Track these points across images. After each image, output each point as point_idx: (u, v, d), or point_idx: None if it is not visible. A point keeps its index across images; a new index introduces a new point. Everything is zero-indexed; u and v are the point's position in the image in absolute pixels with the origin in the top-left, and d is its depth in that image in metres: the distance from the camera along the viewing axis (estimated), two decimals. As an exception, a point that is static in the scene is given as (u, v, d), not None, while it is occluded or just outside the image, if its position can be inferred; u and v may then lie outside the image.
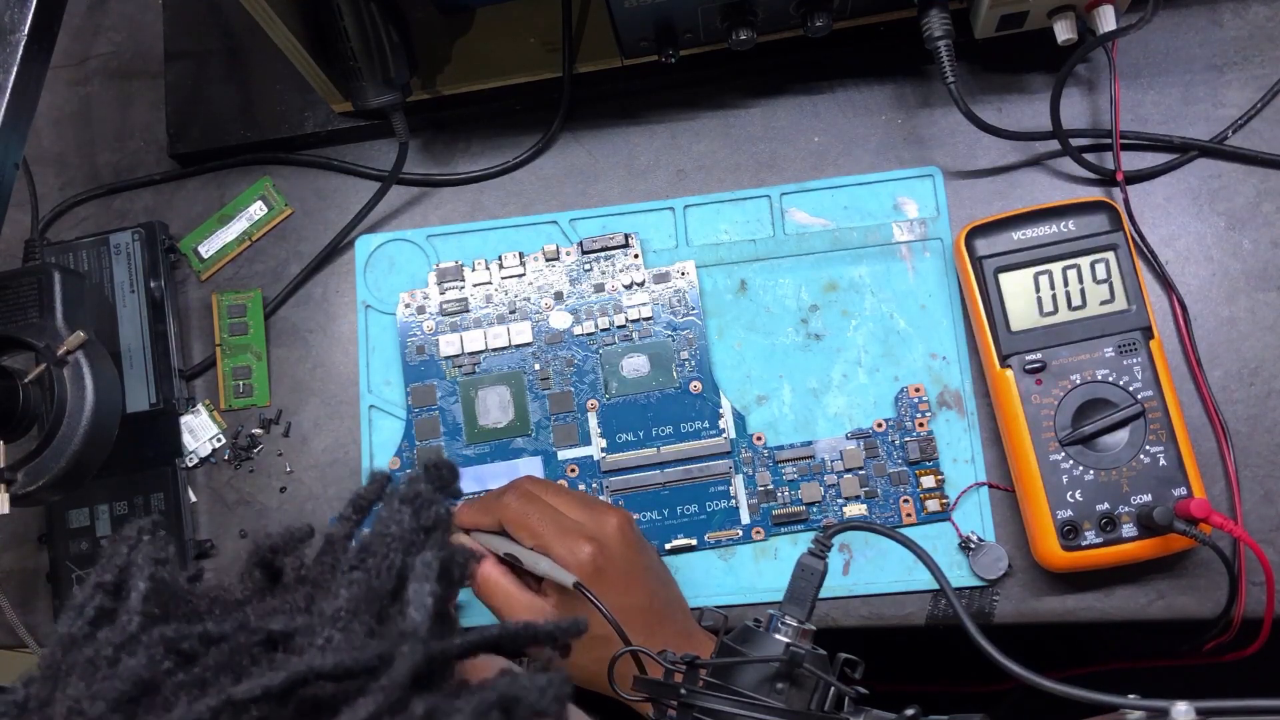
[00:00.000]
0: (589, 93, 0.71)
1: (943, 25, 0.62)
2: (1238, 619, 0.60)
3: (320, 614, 0.26)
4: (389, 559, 0.27)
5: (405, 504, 0.28)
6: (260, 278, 0.72)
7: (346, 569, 0.27)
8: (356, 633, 0.25)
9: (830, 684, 0.43)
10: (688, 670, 0.45)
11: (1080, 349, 0.60)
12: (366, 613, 0.26)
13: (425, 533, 0.28)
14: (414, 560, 0.26)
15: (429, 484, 0.29)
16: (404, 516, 0.27)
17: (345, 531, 0.29)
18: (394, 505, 0.28)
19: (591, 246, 0.69)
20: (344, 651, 0.24)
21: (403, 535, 0.27)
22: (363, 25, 0.63)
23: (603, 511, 0.57)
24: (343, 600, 0.26)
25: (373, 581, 0.26)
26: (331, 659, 0.24)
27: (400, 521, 0.27)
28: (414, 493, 0.28)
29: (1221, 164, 0.66)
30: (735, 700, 0.42)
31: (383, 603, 0.26)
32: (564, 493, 0.59)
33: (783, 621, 0.45)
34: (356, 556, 0.27)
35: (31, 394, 0.59)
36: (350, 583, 0.26)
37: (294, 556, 0.28)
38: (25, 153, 0.65)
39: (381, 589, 0.26)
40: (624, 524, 0.57)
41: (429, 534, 0.28)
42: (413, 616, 0.25)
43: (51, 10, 0.56)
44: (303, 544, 0.29)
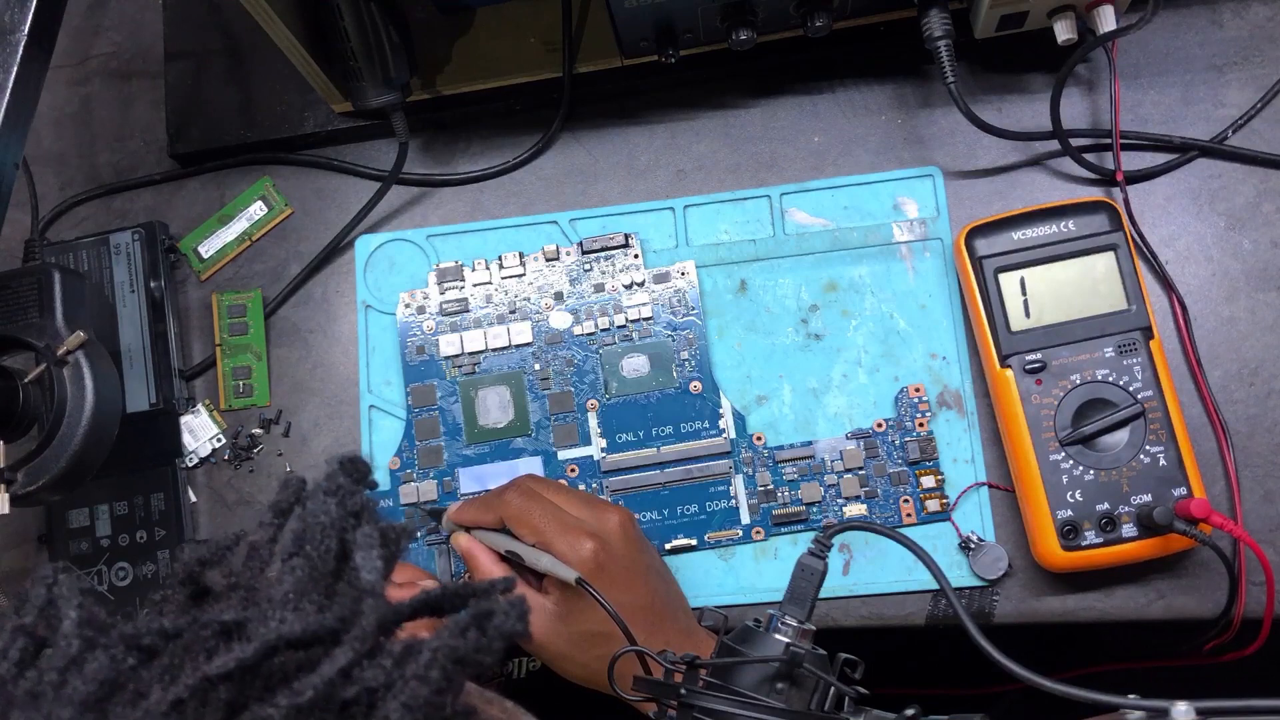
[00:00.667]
0: (589, 93, 0.71)
1: (943, 25, 0.62)
2: (1238, 619, 0.60)
3: (269, 600, 0.26)
4: (325, 544, 0.27)
5: (329, 495, 0.28)
6: (260, 278, 0.72)
7: (285, 557, 0.27)
8: (308, 611, 0.26)
9: (830, 684, 0.43)
10: (688, 670, 0.45)
11: (1080, 349, 0.60)
12: (314, 592, 0.26)
13: (354, 517, 0.28)
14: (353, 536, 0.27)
15: (346, 477, 0.29)
16: (330, 506, 0.28)
17: (269, 535, 0.29)
18: (319, 498, 0.28)
19: (591, 246, 0.69)
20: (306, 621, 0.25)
21: (333, 522, 0.28)
22: (363, 25, 0.63)
23: (604, 509, 0.57)
24: (288, 584, 0.26)
25: (314, 564, 0.27)
26: (299, 625, 0.24)
27: (328, 511, 0.28)
28: (335, 485, 0.29)
29: (1221, 164, 0.66)
30: (735, 700, 0.42)
31: (327, 582, 0.27)
32: (565, 491, 0.59)
33: (783, 621, 0.45)
34: (293, 545, 0.28)
35: (31, 394, 0.59)
36: (292, 569, 0.27)
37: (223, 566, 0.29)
38: (25, 153, 0.65)
39: (324, 570, 0.27)
40: (626, 522, 0.57)
41: (358, 517, 0.28)
42: (366, 578, 0.26)
43: (51, 10, 0.56)
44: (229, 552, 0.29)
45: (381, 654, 0.24)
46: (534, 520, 0.56)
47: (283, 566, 0.27)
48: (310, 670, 0.24)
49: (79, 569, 0.67)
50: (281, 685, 0.23)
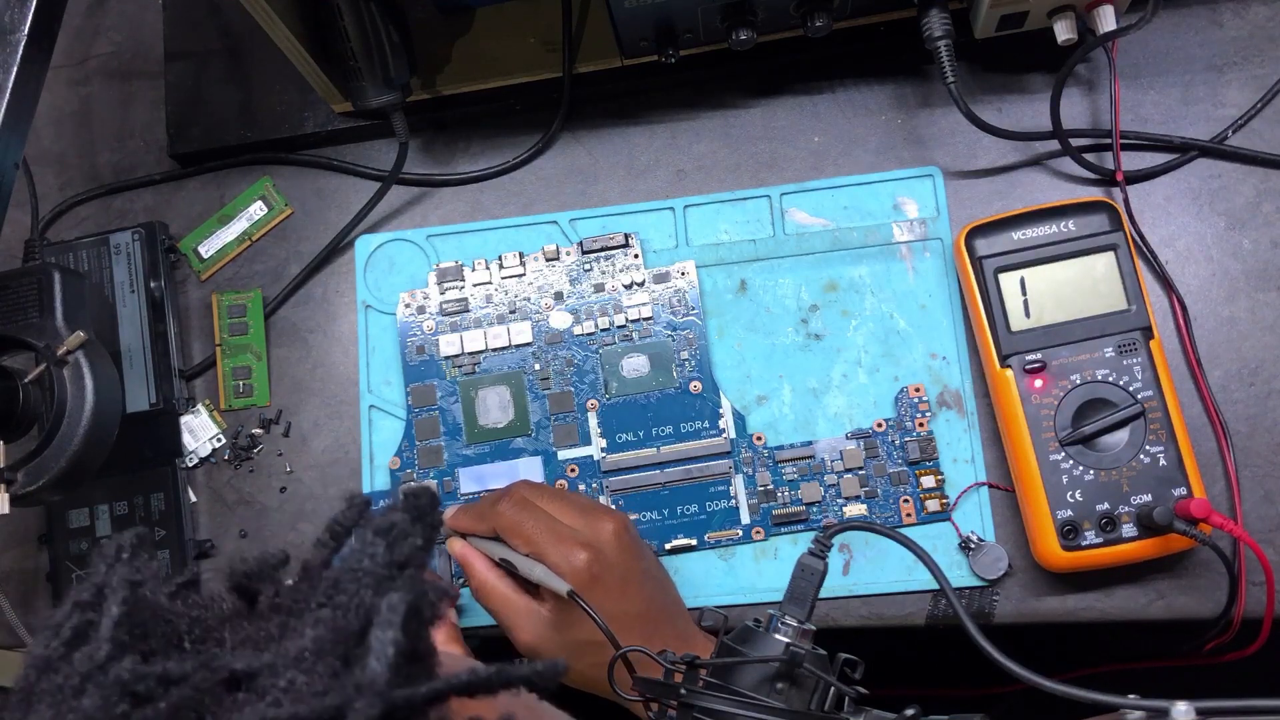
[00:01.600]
0: (589, 93, 0.71)
1: (943, 25, 0.62)
2: (1238, 619, 0.60)
3: (284, 655, 0.25)
4: (358, 597, 0.26)
5: (379, 535, 0.27)
6: (260, 278, 0.72)
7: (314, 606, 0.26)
8: (320, 675, 0.25)
9: (830, 684, 0.43)
10: (688, 670, 0.45)
11: (1080, 349, 0.60)
12: (331, 654, 0.25)
13: (399, 568, 0.27)
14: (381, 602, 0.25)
15: (406, 514, 0.28)
16: (377, 550, 0.27)
17: (322, 559, 0.28)
18: (368, 537, 0.27)
19: (591, 246, 0.69)
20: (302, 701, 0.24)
21: (374, 570, 0.26)
22: (363, 25, 0.63)
23: (599, 517, 0.57)
24: (308, 640, 0.25)
25: (339, 621, 0.25)
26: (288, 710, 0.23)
27: (374, 555, 0.26)
28: (389, 524, 0.27)
29: (1221, 164, 0.66)
30: (735, 700, 0.42)
31: (348, 645, 0.25)
32: (560, 497, 0.59)
33: (783, 621, 0.45)
34: (325, 593, 0.26)
35: (31, 394, 0.59)
36: (317, 621, 0.26)
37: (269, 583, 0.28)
38: (25, 153, 0.65)
39: (348, 628, 0.25)
40: (620, 529, 0.57)
41: (402, 570, 0.27)
42: (372, 667, 0.24)
43: (51, 10, 0.56)
44: (277, 570, 0.28)
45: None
46: (527, 531, 0.56)
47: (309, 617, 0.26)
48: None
49: (78, 569, 0.67)
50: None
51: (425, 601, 0.26)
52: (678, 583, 0.64)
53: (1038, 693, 0.44)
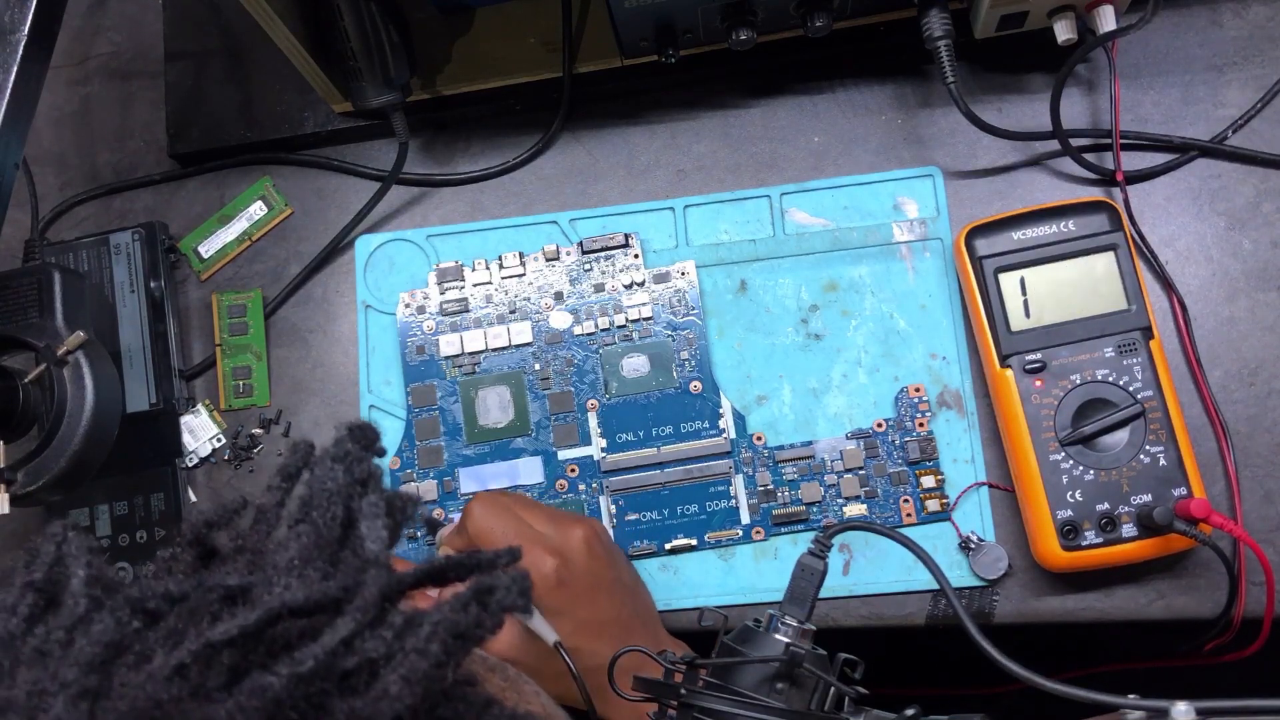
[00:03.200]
0: (589, 93, 0.71)
1: (943, 25, 0.62)
2: (1238, 619, 0.60)
3: (274, 566, 0.26)
4: (331, 510, 0.27)
5: (336, 462, 0.28)
6: (260, 278, 0.72)
7: (292, 523, 0.27)
8: (312, 578, 0.26)
9: (830, 684, 0.43)
10: (687, 670, 0.45)
11: (1080, 349, 0.60)
12: (319, 559, 0.26)
13: (361, 485, 0.28)
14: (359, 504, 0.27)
15: (354, 444, 0.29)
16: (337, 472, 0.28)
17: (276, 500, 0.29)
18: (326, 465, 0.29)
19: (591, 246, 0.69)
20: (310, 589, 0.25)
21: (339, 489, 0.28)
22: (363, 25, 0.63)
23: (569, 524, 0.57)
24: (294, 550, 0.26)
25: (320, 531, 0.27)
26: (302, 593, 0.24)
27: (335, 478, 0.28)
28: (343, 452, 0.29)
29: (1221, 164, 0.66)
30: (735, 700, 0.42)
31: (332, 549, 0.27)
32: (531, 505, 0.59)
33: (783, 621, 0.45)
34: (300, 511, 0.28)
35: (31, 394, 0.59)
36: (299, 534, 0.27)
37: (230, 529, 0.29)
38: (25, 153, 0.65)
39: (330, 537, 0.27)
40: (590, 536, 0.57)
41: (365, 485, 0.28)
42: (370, 548, 0.26)
43: (51, 10, 0.56)
44: (238, 515, 0.30)
45: (383, 625, 0.24)
46: (495, 538, 0.55)
47: (289, 533, 0.27)
48: (313, 639, 0.24)
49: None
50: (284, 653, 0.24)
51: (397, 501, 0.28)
52: (678, 583, 0.64)
53: (1038, 693, 0.44)
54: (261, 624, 0.24)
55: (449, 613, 0.25)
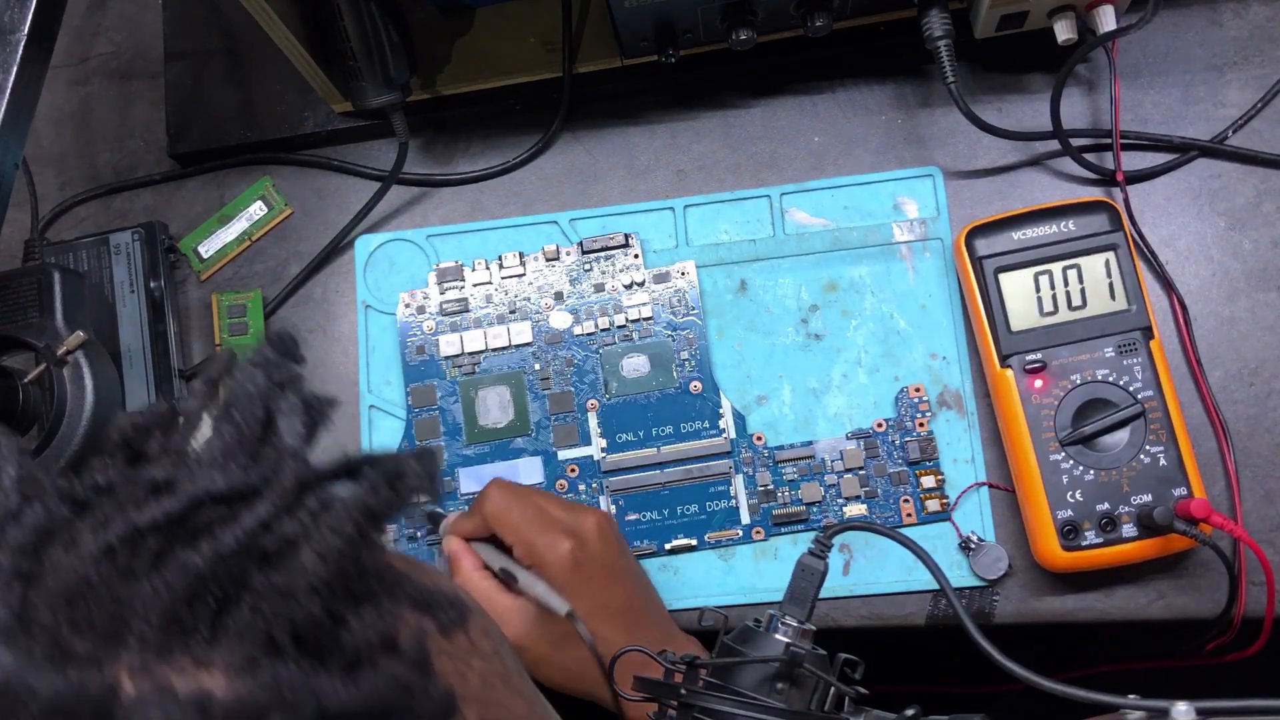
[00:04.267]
0: (589, 93, 0.71)
1: (943, 25, 0.62)
2: (1238, 619, 0.60)
3: (197, 461, 0.28)
4: (251, 411, 0.29)
5: (257, 367, 0.30)
6: (260, 278, 0.72)
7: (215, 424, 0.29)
8: (233, 470, 0.27)
9: (830, 684, 0.43)
10: (688, 670, 0.45)
11: (1080, 349, 0.60)
12: (240, 455, 0.28)
13: (281, 387, 0.30)
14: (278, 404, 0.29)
15: (274, 352, 0.31)
16: (257, 376, 0.30)
17: (200, 405, 0.31)
18: (246, 369, 0.30)
19: (591, 246, 0.69)
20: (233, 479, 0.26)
21: (260, 391, 0.29)
22: (363, 25, 0.63)
23: (582, 511, 0.58)
24: (216, 447, 0.28)
25: (241, 429, 0.28)
26: (224, 481, 0.26)
27: (255, 381, 0.29)
28: (263, 358, 0.30)
29: (1221, 164, 0.66)
30: (735, 700, 0.42)
31: (253, 446, 0.28)
32: (545, 494, 0.60)
33: (783, 621, 0.45)
34: (222, 413, 0.29)
35: (31, 394, 0.59)
36: (221, 433, 0.28)
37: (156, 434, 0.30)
38: (25, 153, 0.65)
39: (250, 435, 0.28)
40: (603, 523, 0.57)
41: (284, 388, 0.30)
42: (288, 441, 0.28)
43: (51, 10, 0.56)
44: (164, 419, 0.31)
45: (300, 509, 0.26)
46: (513, 518, 0.56)
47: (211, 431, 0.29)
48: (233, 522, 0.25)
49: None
50: (206, 536, 0.25)
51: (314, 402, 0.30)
52: (678, 583, 0.64)
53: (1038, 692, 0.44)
54: (184, 509, 0.25)
55: (361, 495, 0.26)
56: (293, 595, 0.24)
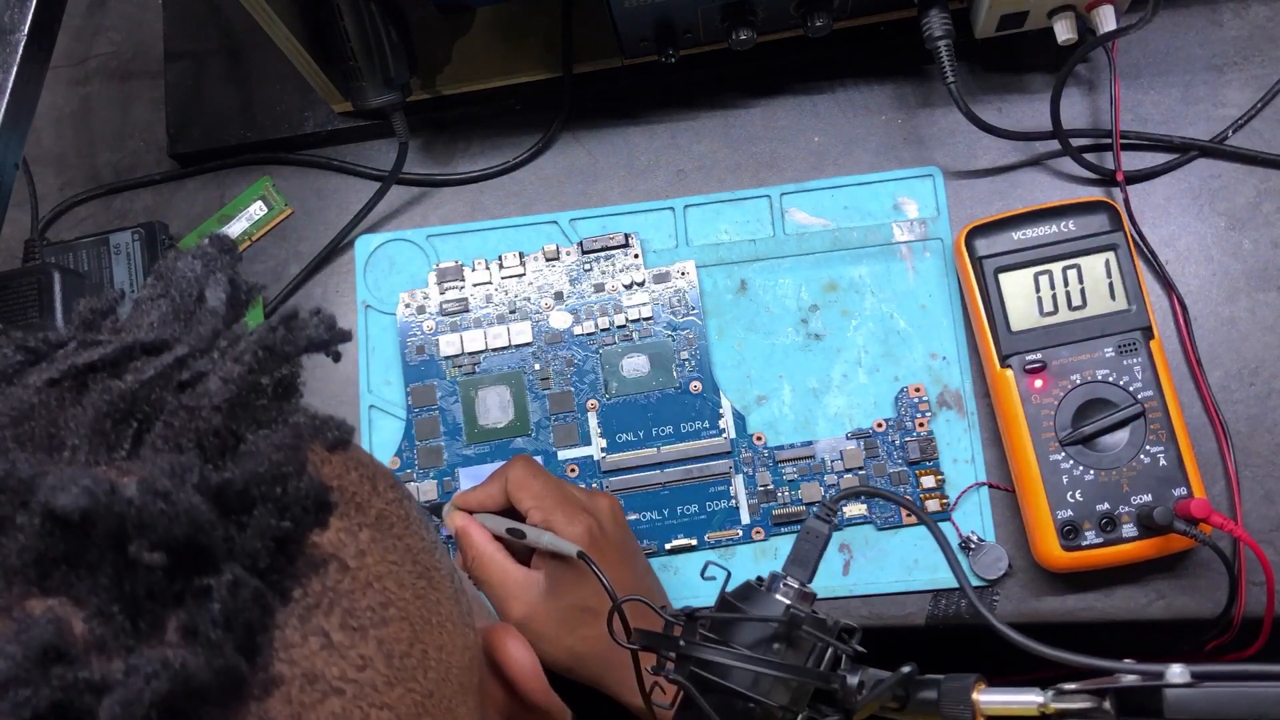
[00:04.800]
0: (589, 93, 0.71)
1: (943, 25, 0.62)
2: (1238, 619, 0.60)
3: (137, 326, 0.31)
4: (186, 290, 0.32)
5: (195, 257, 0.33)
6: (260, 278, 0.72)
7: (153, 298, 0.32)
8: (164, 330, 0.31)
9: (828, 645, 0.43)
10: (686, 623, 0.45)
11: (1080, 349, 0.60)
12: (175, 324, 0.31)
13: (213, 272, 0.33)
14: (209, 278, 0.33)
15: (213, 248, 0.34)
16: (195, 264, 0.33)
17: (151, 294, 0.34)
18: (186, 259, 0.33)
19: (591, 246, 0.69)
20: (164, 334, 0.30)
21: (196, 276, 0.33)
22: (363, 25, 0.63)
23: (596, 494, 0.59)
24: (153, 316, 0.31)
25: (175, 303, 0.32)
26: (153, 334, 0.30)
27: (193, 268, 0.33)
28: (201, 250, 0.34)
29: (1221, 164, 0.66)
30: (733, 653, 0.42)
31: (187, 318, 0.32)
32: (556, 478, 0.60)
33: (785, 583, 0.45)
34: (159, 287, 0.32)
35: (31, 394, 0.58)
36: (157, 305, 0.32)
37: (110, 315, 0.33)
38: (25, 153, 0.65)
39: (184, 307, 0.32)
40: (615, 507, 0.59)
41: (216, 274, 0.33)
42: (210, 303, 0.32)
43: (51, 10, 0.56)
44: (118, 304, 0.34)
45: (212, 350, 0.30)
46: (536, 488, 0.57)
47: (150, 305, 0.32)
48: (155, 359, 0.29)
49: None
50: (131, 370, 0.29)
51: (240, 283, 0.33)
52: (678, 583, 0.64)
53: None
54: (118, 353, 0.29)
55: (261, 332, 0.30)
56: (199, 413, 0.27)
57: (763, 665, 0.42)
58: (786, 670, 0.42)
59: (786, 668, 0.42)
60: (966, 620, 0.62)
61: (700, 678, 0.42)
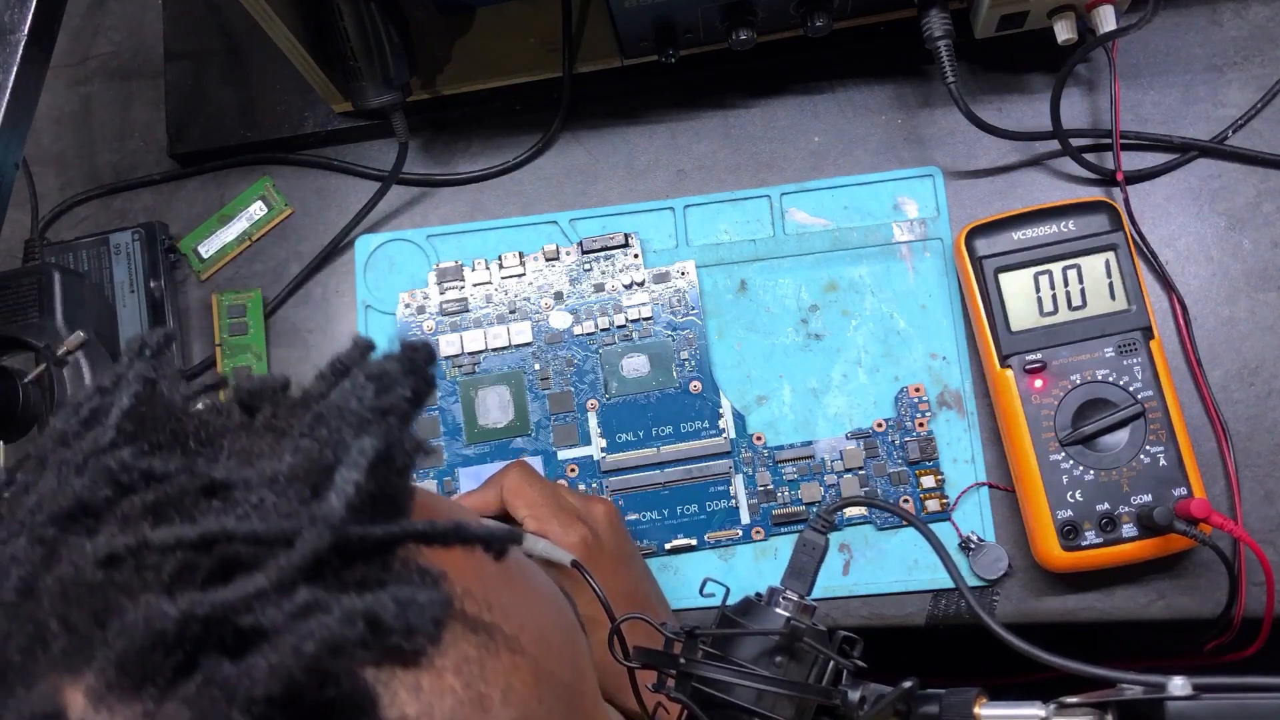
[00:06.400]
0: (589, 93, 0.71)
1: (943, 25, 0.62)
2: (1238, 619, 0.60)
3: (261, 474, 0.26)
4: (338, 434, 0.26)
5: (370, 380, 0.27)
6: (260, 278, 0.72)
7: (298, 435, 0.27)
8: (289, 499, 0.26)
9: (829, 658, 0.43)
10: (687, 640, 0.45)
11: (1080, 349, 0.60)
12: (304, 482, 0.26)
13: (381, 414, 0.27)
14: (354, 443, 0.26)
15: (400, 365, 0.28)
16: (366, 393, 0.27)
17: (321, 390, 0.29)
18: (359, 380, 0.27)
19: (591, 246, 0.69)
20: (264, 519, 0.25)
21: (358, 412, 0.27)
22: (363, 25, 0.63)
23: (591, 499, 0.59)
24: (285, 465, 0.26)
25: (315, 453, 0.26)
26: (246, 525, 0.25)
27: (361, 398, 0.27)
28: (381, 370, 0.28)
29: (1221, 164, 0.66)
30: (734, 670, 0.42)
31: (319, 476, 0.26)
32: (555, 483, 0.60)
33: (784, 596, 0.45)
34: (310, 424, 0.27)
35: (31, 394, 0.59)
36: (296, 449, 0.26)
37: (269, 403, 0.29)
38: (25, 153, 0.65)
39: (322, 461, 0.26)
40: (611, 512, 0.58)
41: (384, 416, 0.27)
42: (330, 501, 0.25)
43: (51, 10, 0.56)
44: (278, 393, 0.29)
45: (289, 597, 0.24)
46: (531, 495, 0.56)
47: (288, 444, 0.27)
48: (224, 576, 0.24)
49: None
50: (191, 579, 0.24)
51: (399, 449, 0.27)
52: (677, 583, 0.64)
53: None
54: (197, 540, 0.24)
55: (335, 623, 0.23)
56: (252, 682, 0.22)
57: (763, 681, 0.41)
58: (787, 686, 0.42)
59: (787, 684, 0.42)
60: (966, 620, 0.62)
61: (702, 694, 0.42)
